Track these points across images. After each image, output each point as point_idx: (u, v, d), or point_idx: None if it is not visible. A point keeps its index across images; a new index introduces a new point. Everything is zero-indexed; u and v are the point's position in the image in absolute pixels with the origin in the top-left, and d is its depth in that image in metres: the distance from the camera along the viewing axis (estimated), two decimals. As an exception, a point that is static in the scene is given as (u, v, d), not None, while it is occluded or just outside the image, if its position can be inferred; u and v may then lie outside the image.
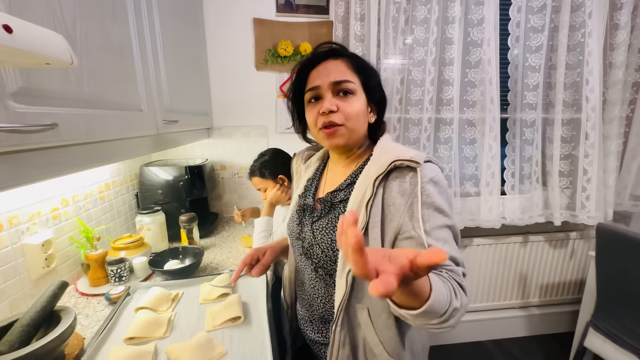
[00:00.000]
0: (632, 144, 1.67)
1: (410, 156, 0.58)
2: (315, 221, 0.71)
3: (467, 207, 1.65)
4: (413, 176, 0.58)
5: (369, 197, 0.59)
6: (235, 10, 1.48)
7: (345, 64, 0.66)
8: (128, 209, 1.36)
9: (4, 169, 0.45)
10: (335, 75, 0.64)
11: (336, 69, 0.65)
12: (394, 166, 0.59)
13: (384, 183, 0.60)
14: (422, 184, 0.57)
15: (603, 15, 1.47)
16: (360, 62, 0.68)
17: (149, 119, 0.87)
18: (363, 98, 0.66)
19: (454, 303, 0.48)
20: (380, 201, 0.59)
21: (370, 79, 0.67)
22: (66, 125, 0.54)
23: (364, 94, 0.66)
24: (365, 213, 0.59)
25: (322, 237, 0.68)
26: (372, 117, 0.69)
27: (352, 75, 0.65)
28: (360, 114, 0.65)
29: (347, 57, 0.67)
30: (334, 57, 0.67)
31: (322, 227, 0.68)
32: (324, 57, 0.68)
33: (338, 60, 0.67)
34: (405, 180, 0.59)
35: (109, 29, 0.69)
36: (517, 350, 1.86)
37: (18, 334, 0.62)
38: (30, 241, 0.83)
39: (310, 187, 0.77)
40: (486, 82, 1.49)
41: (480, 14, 1.45)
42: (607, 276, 1.32)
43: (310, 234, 0.70)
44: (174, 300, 0.88)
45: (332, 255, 0.66)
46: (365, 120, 0.67)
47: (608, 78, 1.57)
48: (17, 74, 0.45)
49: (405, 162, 0.58)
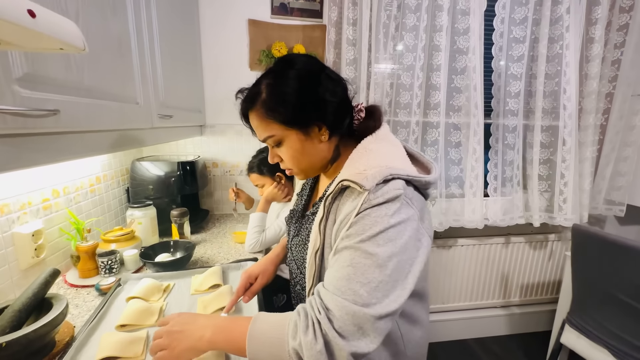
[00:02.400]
0: (606, 151, 1.77)
1: (363, 173, 0.53)
2: (293, 237, 0.73)
3: (452, 208, 1.71)
4: (359, 195, 0.52)
5: (320, 217, 0.58)
6: (231, 11, 1.51)
7: (259, 116, 0.60)
8: (118, 203, 1.36)
9: (8, 151, 0.46)
10: (258, 134, 0.62)
11: (256, 125, 0.62)
12: (342, 186, 0.55)
13: (339, 199, 0.57)
14: (359, 208, 0.51)
15: (579, 29, 1.57)
16: (272, 104, 0.58)
17: (144, 112, 0.89)
18: (294, 136, 0.59)
19: (291, 344, 0.48)
20: (333, 219, 0.57)
21: (291, 111, 0.58)
22: (67, 112, 0.56)
23: (293, 130, 0.59)
24: (319, 233, 0.58)
25: (297, 254, 0.70)
26: (324, 133, 0.60)
27: (269, 125, 0.59)
28: (298, 155, 0.61)
29: (256, 106, 0.60)
30: (249, 110, 0.62)
31: (297, 244, 0.71)
32: (246, 112, 0.63)
33: (253, 115, 0.61)
34: (354, 198, 0.54)
35: (109, 22, 0.72)
36: (498, 349, 1.92)
37: (9, 319, 0.62)
38: (21, 230, 0.83)
39: (305, 188, 0.79)
40: (471, 89, 1.56)
41: (466, 24, 1.53)
42: (581, 275, 1.40)
43: (289, 248, 0.74)
44: (165, 291, 0.89)
45: (303, 271, 0.68)
46: (314, 149, 0.61)
47: (584, 88, 1.67)
48: (22, 59, 0.47)
49: (351, 183, 0.53)
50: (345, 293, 0.48)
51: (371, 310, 0.47)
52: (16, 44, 0.34)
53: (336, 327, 0.47)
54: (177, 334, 0.56)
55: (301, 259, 0.68)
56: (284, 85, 0.58)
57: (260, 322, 0.53)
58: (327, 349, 0.47)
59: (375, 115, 0.65)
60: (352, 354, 0.46)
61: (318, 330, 0.48)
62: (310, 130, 0.60)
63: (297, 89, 0.57)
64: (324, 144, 0.62)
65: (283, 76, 0.58)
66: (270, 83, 0.59)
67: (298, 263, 0.70)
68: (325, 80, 0.59)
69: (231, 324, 0.56)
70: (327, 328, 0.47)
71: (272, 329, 0.52)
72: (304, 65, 0.60)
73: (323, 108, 0.59)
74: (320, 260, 0.59)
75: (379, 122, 0.65)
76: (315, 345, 0.46)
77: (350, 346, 0.46)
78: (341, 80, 0.63)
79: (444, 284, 1.91)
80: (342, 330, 0.47)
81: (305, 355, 0.47)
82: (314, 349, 0.46)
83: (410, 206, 0.53)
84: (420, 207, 0.56)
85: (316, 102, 0.58)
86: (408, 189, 0.54)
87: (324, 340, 0.47)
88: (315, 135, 0.61)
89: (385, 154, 0.58)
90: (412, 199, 0.54)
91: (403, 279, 0.50)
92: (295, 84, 0.57)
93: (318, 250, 0.59)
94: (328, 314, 0.49)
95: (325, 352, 0.46)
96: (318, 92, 0.58)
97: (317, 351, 0.46)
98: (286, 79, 0.58)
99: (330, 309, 0.49)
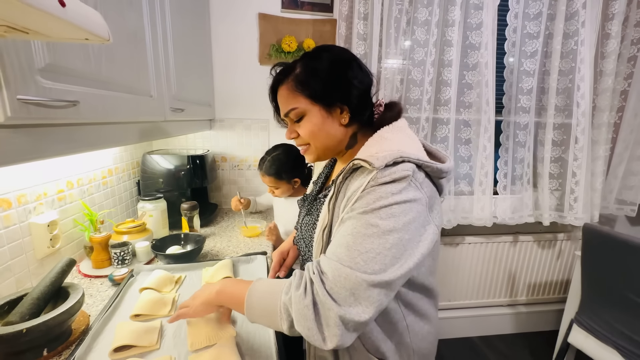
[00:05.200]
0: (619, 149, 1.74)
1: (374, 155, 0.54)
2: (304, 217, 0.75)
3: (460, 205, 1.70)
4: (368, 174, 0.54)
5: (331, 196, 0.60)
6: (242, 5, 1.50)
7: (289, 88, 0.63)
8: (129, 196, 1.37)
9: (31, 141, 0.47)
10: (283, 107, 0.65)
11: (283, 99, 0.64)
12: (354, 165, 0.57)
13: (350, 178, 0.59)
14: (365, 185, 0.53)
15: (595, 24, 1.53)
16: (304, 77, 0.61)
17: (158, 105, 0.89)
18: (317, 111, 0.62)
19: (283, 298, 0.52)
20: (343, 196, 0.58)
21: (321, 87, 0.61)
22: (85, 103, 0.56)
23: (317, 105, 0.61)
24: (328, 211, 0.60)
25: (306, 232, 0.72)
26: (345, 116, 0.62)
27: (297, 97, 0.62)
28: (317, 130, 0.62)
29: (289, 79, 0.63)
30: (280, 84, 0.65)
31: (307, 223, 0.72)
32: (277, 86, 0.66)
33: (283, 87, 0.64)
34: (364, 176, 0.55)
35: (125, 15, 0.72)
36: (504, 347, 1.91)
37: (29, 306, 0.63)
38: (37, 220, 0.84)
39: (321, 176, 0.81)
40: (482, 85, 1.54)
41: (479, 19, 1.50)
42: (591, 274, 1.38)
43: (299, 228, 0.75)
44: (177, 283, 0.90)
45: (311, 250, 0.69)
46: (333, 128, 0.63)
47: (598, 85, 1.64)
48: (45, 50, 0.48)
49: (362, 162, 0.55)
50: (342, 259, 0.50)
51: (365, 276, 0.47)
52: (43, 33, 0.34)
53: (327, 288, 0.49)
54: (196, 293, 0.67)
55: (309, 238, 0.70)
56: (317, 64, 0.62)
57: (261, 282, 0.59)
58: (314, 306, 0.48)
59: (394, 110, 0.67)
60: (340, 317, 0.47)
61: (309, 288, 0.50)
62: (333, 110, 0.62)
63: (328, 68, 0.61)
64: (343, 127, 0.64)
65: (318, 57, 0.63)
66: (306, 62, 0.63)
67: (306, 241, 0.71)
68: (355, 67, 0.62)
69: (238, 282, 0.63)
70: (319, 287, 0.49)
71: (269, 286, 0.57)
72: (337, 50, 0.65)
73: (348, 91, 0.61)
74: (327, 237, 0.60)
75: (397, 115, 0.66)
76: (303, 300, 0.49)
77: (340, 309, 0.47)
78: (369, 73, 0.65)
79: (450, 281, 1.91)
80: (333, 292, 0.48)
81: (293, 309, 0.50)
82: (301, 303, 0.49)
83: (418, 189, 0.53)
84: (430, 194, 0.55)
85: (343, 84, 0.61)
86: (419, 174, 0.55)
87: (313, 298, 0.49)
88: (337, 116, 0.63)
89: (399, 142, 0.59)
90: (422, 184, 0.54)
91: (402, 257, 0.50)
92: (327, 64, 0.61)
93: (326, 227, 0.60)
94: (322, 276, 0.51)
95: (312, 308, 0.48)
96: (347, 75, 0.61)
97: (304, 305, 0.48)
98: (320, 60, 0.62)
99: (325, 271, 0.51)
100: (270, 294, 0.55)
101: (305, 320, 0.48)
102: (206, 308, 0.65)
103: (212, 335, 0.67)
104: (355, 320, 0.47)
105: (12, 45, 0.42)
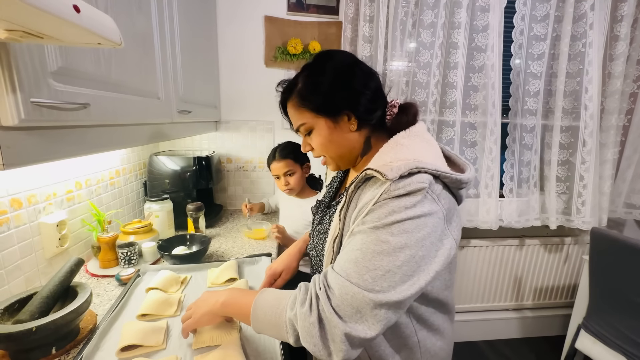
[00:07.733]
0: (628, 152, 1.71)
1: (389, 164, 0.52)
2: (316, 225, 0.74)
3: (466, 208, 1.69)
4: (381, 185, 0.52)
5: (342, 205, 0.59)
6: (248, 7, 1.52)
7: (294, 105, 0.63)
8: (136, 196, 1.39)
9: (44, 142, 0.48)
10: (293, 123, 0.66)
11: (291, 115, 0.65)
12: (366, 175, 0.55)
13: (362, 188, 0.57)
14: (378, 198, 0.51)
15: (604, 26, 1.52)
16: (305, 92, 0.61)
17: (165, 107, 0.90)
18: (323, 124, 0.61)
19: (288, 314, 0.51)
20: (354, 206, 0.57)
21: (322, 99, 0.60)
22: (96, 106, 0.57)
23: (322, 117, 0.61)
24: (339, 220, 0.58)
25: (318, 241, 0.71)
26: (353, 122, 0.61)
27: (302, 113, 0.62)
28: (327, 142, 0.62)
29: (293, 96, 0.63)
30: (287, 101, 0.65)
31: (319, 232, 0.71)
32: (285, 103, 0.67)
33: (290, 104, 0.65)
34: (377, 187, 0.53)
35: (135, 18, 0.73)
36: (509, 351, 1.89)
37: (38, 305, 0.64)
38: (46, 220, 0.86)
39: (335, 181, 0.81)
40: (489, 87, 1.53)
41: (486, 21, 1.50)
42: (599, 279, 1.36)
43: (311, 236, 0.75)
44: (183, 283, 0.91)
45: (322, 259, 0.68)
46: (342, 137, 0.62)
47: (606, 88, 1.62)
48: (57, 54, 0.49)
49: (374, 172, 0.52)
50: (350, 275, 0.48)
51: (372, 295, 0.46)
52: (58, 38, 0.35)
53: (334, 305, 0.48)
54: (200, 302, 0.65)
55: (321, 246, 0.69)
56: (317, 76, 0.61)
57: (267, 294, 0.58)
58: (320, 323, 0.48)
59: (410, 112, 0.64)
60: (346, 334, 0.46)
61: (315, 304, 0.49)
62: (340, 119, 0.61)
63: (329, 78, 0.60)
64: (353, 134, 0.62)
65: (317, 67, 0.62)
66: (306, 74, 0.62)
67: (318, 250, 0.71)
68: (357, 72, 0.61)
69: (243, 293, 0.62)
70: (325, 304, 0.48)
71: (274, 299, 0.56)
72: (338, 57, 0.63)
73: (352, 98, 0.60)
74: (338, 247, 0.59)
75: (413, 119, 0.63)
76: (309, 317, 0.48)
77: (346, 326, 0.46)
78: (374, 73, 0.64)
79: (456, 285, 1.89)
80: (339, 309, 0.47)
81: (299, 326, 0.49)
82: (307, 320, 0.48)
83: (435, 202, 0.50)
84: (449, 206, 0.53)
85: (346, 92, 0.60)
86: (436, 186, 0.52)
87: (319, 315, 0.48)
88: (344, 124, 0.62)
89: (416, 149, 0.56)
90: (439, 196, 0.51)
91: (413, 275, 0.47)
92: (328, 74, 0.60)
93: (337, 237, 0.59)
94: (328, 291, 0.49)
95: (317, 325, 0.47)
96: (349, 82, 0.60)
97: (310, 323, 0.48)
98: (320, 70, 0.61)
99: (332, 287, 0.49)
100: (276, 308, 0.54)
101: (311, 337, 0.48)
102: (210, 319, 0.64)
103: (216, 336, 0.67)
104: (361, 337, 0.46)
105: (26, 49, 0.43)
